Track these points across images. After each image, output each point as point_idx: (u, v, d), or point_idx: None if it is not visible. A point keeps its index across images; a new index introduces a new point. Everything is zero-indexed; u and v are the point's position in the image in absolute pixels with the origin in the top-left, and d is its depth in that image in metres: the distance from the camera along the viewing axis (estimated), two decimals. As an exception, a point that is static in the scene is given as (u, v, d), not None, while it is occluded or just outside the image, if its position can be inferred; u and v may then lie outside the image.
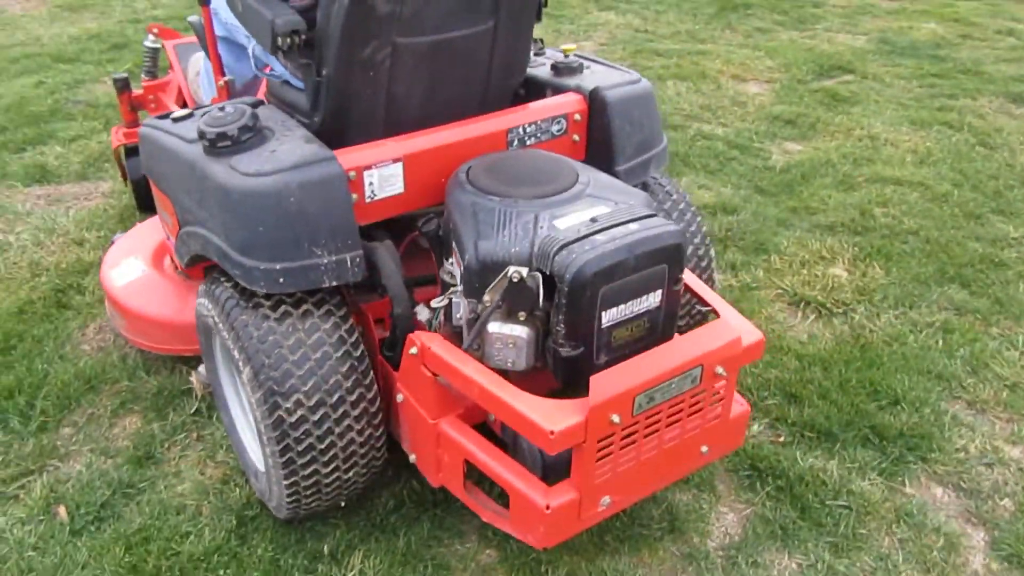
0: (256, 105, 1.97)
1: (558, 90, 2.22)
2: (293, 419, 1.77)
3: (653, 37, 5.72)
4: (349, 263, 1.80)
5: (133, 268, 2.54)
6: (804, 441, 2.30)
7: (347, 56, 1.84)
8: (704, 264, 2.31)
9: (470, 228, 1.73)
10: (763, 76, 5.03)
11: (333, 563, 1.95)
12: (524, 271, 1.61)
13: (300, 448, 1.79)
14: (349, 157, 1.84)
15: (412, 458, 1.93)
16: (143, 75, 3.23)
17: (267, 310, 1.81)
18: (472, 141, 2.00)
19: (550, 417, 1.54)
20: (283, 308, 1.82)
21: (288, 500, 1.88)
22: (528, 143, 2.10)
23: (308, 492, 1.87)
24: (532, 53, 2.43)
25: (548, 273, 1.62)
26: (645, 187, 2.29)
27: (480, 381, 1.63)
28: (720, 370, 1.69)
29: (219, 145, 1.80)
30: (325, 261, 1.77)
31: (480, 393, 1.64)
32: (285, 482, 1.83)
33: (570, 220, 1.69)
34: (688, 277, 1.97)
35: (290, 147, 1.82)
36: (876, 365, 2.57)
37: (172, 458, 2.25)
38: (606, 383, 1.56)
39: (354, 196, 1.85)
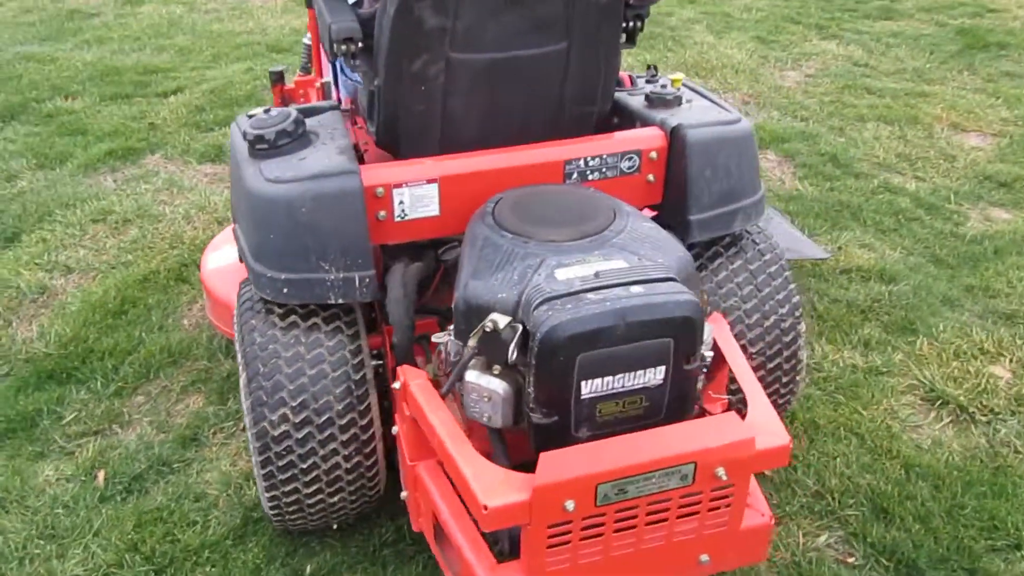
0: (309, 112, 1.95)
1: (646, 123, 2.00)
2: (276, 433, 1.72)
3: (871, 72, 5.15)
4: (358, 282, 1.72)
5: (228, 254, 2.63)
6: (878, 569, 1.91)
7: (396, 68, 1.77)
8: (788, 339, 1.99)
9: (470, 264, 1.59)
10: (991, 128, 4.35)
11: (312, 586, 1.90)
12: (504, 320, 1.45)
13: (280, 464, 1.74)
14: (376, 173, 1.77)
15: (403, 495, 1.82)
16: (299, 70, 3.37)
17: (275, 318, 1.78)
18: (521, 169, 1.85)
19: (490, 489, 1.37)
20: (291, 319, 1.78)
21: (272, 513, 1.84)
22: (591, 178, 1.91)
23: (290, 509, 1.82)
24: (644, 80, 2.24)
25: (527, 327, 1.44)
26: (735, 241, 2.02)
27: (438, 431, 1.49)
28: (721, 473, 1.42)
29: (257, 147, 1.80)
30: (332, 277, 1.71)
31: (438, 445, 1.50)
32: (266, 495, 1.80)
33: (573, 271, 1.50)
34: (730, 352, 1.69)
35: (319, 156, 1.77)
36: (1006, 495, 2.08)
37: (215, 444, 2.30)
38: (558, 464, 1.35)
39: (382, 213, 1.78)
